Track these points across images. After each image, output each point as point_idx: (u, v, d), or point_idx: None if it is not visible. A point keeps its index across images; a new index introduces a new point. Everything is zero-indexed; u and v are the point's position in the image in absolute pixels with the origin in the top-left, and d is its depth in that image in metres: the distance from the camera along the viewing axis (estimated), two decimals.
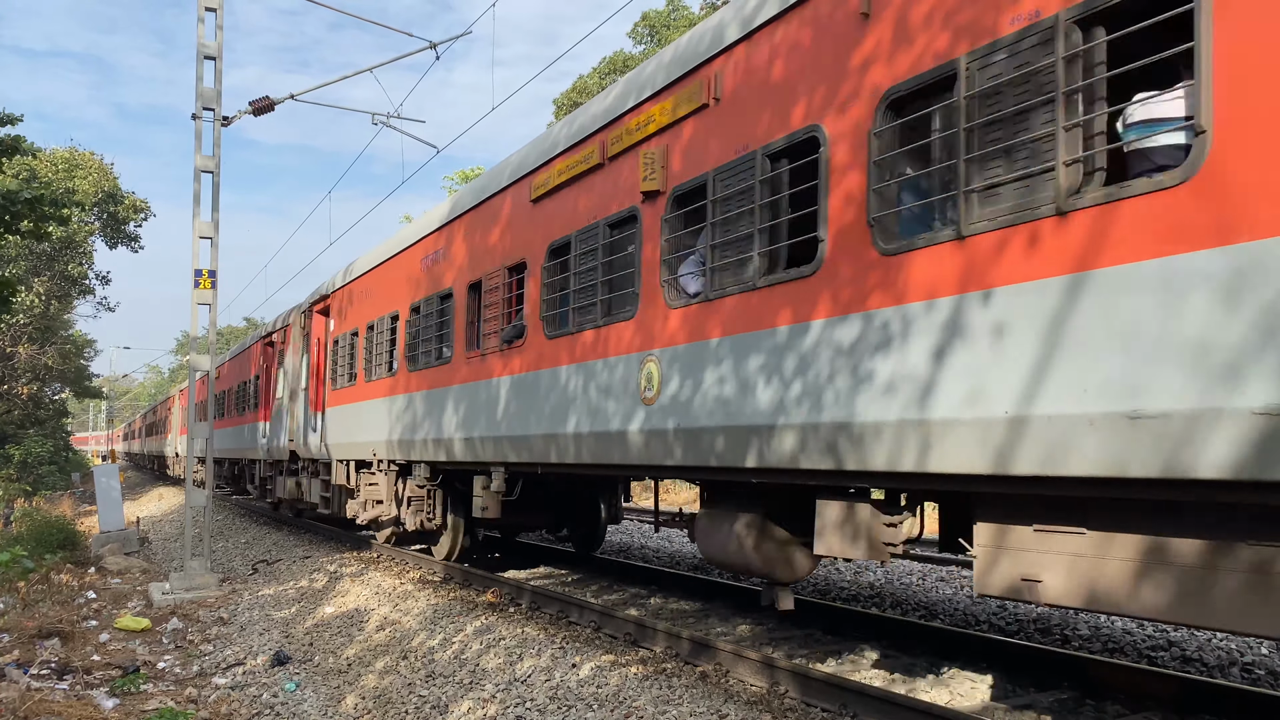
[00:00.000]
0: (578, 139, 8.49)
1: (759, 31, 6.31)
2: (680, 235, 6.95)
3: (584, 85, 36.58)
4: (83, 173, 34.60)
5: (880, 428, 5.07)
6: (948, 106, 4.85)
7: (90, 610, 12.04)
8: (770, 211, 6.05)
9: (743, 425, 6.10)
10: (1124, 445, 3.88)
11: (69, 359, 45.88)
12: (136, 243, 39.85)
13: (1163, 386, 3.78)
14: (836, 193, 5.53)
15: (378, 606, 10.42)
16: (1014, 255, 4.46)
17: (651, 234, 7.24)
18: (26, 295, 32.11)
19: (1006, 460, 4.37)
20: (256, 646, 9.83)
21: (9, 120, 14.49)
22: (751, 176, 6.16)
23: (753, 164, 6.16)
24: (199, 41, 13.91)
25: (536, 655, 7.55)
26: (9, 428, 43.99)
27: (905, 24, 5.12)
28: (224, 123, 14.26)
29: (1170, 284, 3.80)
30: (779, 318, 5.88)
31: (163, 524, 24.95)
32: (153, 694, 8.28)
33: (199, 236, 14.05)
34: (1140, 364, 3.86)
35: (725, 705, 5.94)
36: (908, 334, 4.96)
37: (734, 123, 6.46)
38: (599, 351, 7.90)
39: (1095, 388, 4.02)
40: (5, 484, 37.21)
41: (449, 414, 10.86)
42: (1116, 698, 6.24)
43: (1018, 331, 4.38)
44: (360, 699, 7.68)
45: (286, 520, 22.26)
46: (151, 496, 37.04)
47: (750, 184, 6.16)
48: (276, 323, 21.52)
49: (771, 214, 6.05)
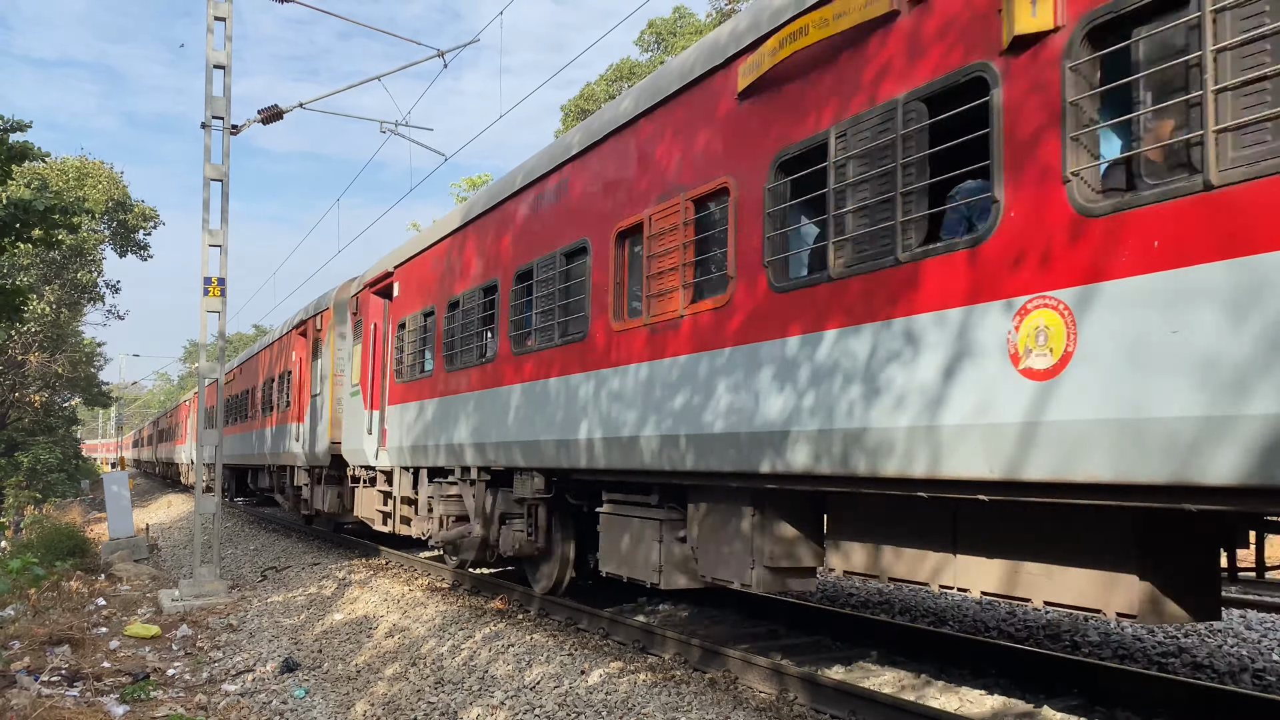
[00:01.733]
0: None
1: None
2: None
3: (591, 92, 36.69)
4: (93, 181, 34.78)
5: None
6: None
7: (100, 617, 12.08)
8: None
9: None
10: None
11: (79, 367, 46.04)
12: (146, 251, 40.05)
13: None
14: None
15: (387, 613, 10.43)
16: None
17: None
18: (38, 303, 32.26)
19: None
20: (266, 653, 9.85)
21: (18, 126, 14.59)
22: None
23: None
24: (208, 51, 14.00)
25: (545, 662, 7.55)
26: (19, 435, 44.14)
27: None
28: (233, 131, 14.34)
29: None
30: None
31: (172, 531, 25.02)
32: (162, 701, 8.30)
33: (208, 244, 14.12)
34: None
35: (734, 711, 5.94)
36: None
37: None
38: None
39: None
40: (15, 491, 37.35)
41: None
42: (1127, 704, 6.22)
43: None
44: (370, 706, 7.69)
45: (295, 527, 22.20)
46: (160, 504, 37.14)
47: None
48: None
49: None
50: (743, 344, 6.22)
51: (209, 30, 14.00)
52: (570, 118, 37.63)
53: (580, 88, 37.80)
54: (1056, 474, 4.21)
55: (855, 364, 5.29)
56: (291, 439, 18.97)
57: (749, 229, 6.19)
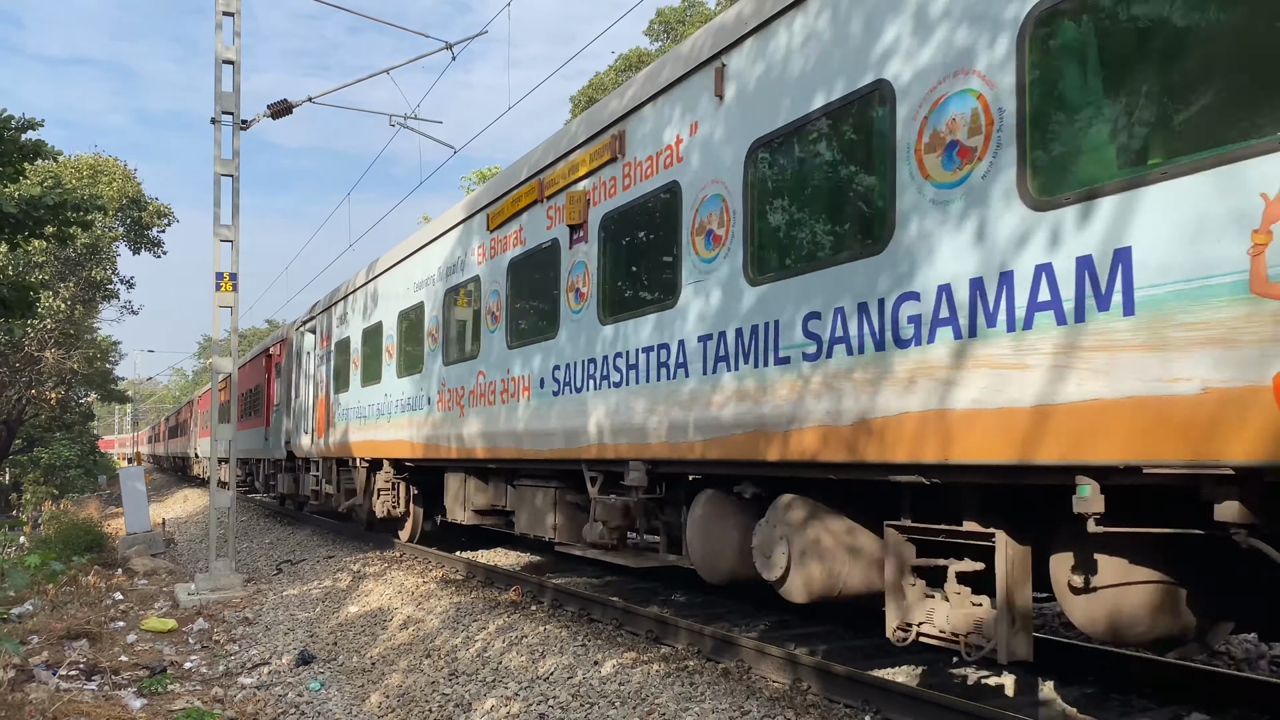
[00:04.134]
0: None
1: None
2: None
3: (600, 82, 36.56)
4: (106, 179, 34.82)
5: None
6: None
7: (117, 611, 12.16)
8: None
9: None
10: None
11: (95, 363, 46.33)
12: (159, 248, 40.18)
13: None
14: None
15: (401, 605, 10.47)
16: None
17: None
18: (53, 300, 32.41)
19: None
20: (281, 646, 9.91)
21: (30, 125, 14.62)
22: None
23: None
24: (217, 46, 14.01)
25: (559, 653, 7.56)
26: (37, 432, 44.48)
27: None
28: (243, 126, 14.36)
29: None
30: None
31: (188, 525, 25.17)
32: (180, 694, 8.35)
33: (219, 239, 14.16)
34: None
35: (748, 701, 5.93)
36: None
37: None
38: None
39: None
40: (33, 487, 37.66)
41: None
42: (1143, 692, 6.19)
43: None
44: (385, 697, 7.72)
45: (308, 520, 22.33)
46: (177, 498, 37.36)
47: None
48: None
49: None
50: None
51: (217, 26, 14.01)
52: (579, 108, 37.55)
53: (589, 78, 37.74)
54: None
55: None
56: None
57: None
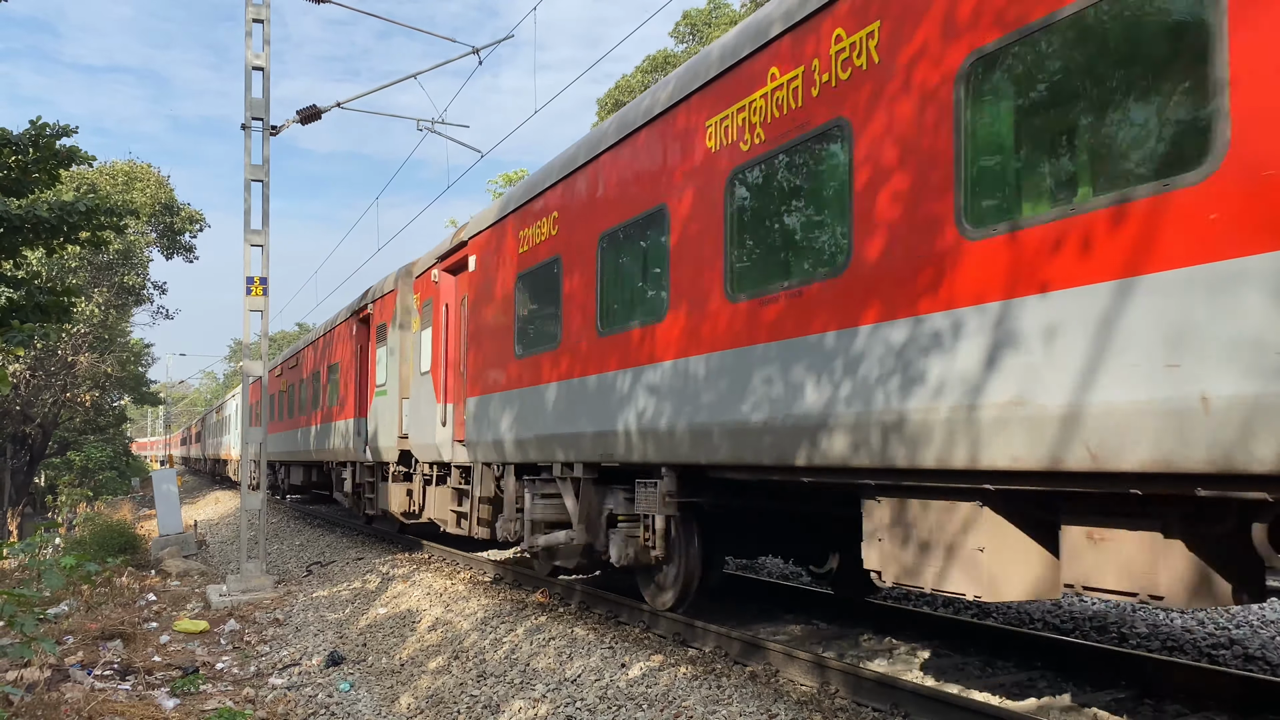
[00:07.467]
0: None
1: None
2: None
3: (627, 84, 36.61)
4: (140, 185, 35.32)
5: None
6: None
7: (150, 612, 12.32)
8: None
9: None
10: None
11: (127, 366, 46.93)
12: (192, 253, 40.67)
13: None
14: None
15: (429, 607, 10.53)
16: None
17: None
18: (86, 305, 32.88)
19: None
20: (311, 647, 9.99)
21: (65, 132, 14.88)
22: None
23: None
24: (247, 53, 14.17)
25: (586, 655, 7.58)
26: (71, 434, 45.12)
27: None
28: (273, 132, 14.51)
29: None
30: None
31: (219, 527, 25.45)
32: (211, 694, 8.45)
33: (250, 244, 14.32)
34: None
35: (775, 705, 5.92)
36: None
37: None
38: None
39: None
40: (68, 489, 38.20)
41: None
42: (1176, 697, 6.11)
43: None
44: (414, 699, 7.77)
45: (339, 522, 22.46)
46: (208, 500, 37.78)
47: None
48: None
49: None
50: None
51: (247, 33, 14.17)
52: (606, 111, 37.60)
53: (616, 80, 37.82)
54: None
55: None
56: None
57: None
